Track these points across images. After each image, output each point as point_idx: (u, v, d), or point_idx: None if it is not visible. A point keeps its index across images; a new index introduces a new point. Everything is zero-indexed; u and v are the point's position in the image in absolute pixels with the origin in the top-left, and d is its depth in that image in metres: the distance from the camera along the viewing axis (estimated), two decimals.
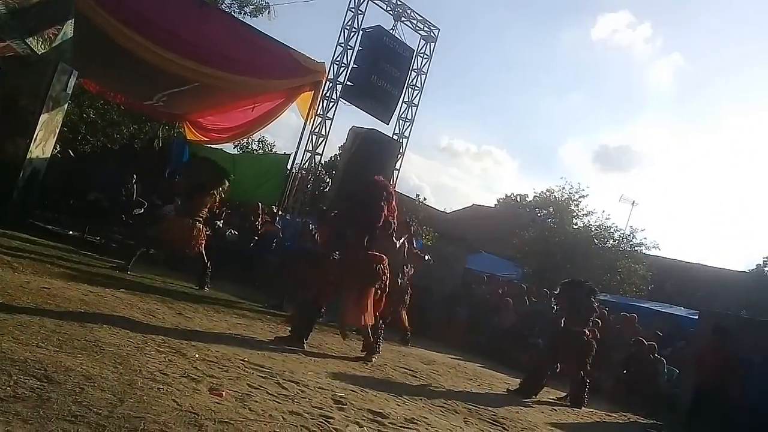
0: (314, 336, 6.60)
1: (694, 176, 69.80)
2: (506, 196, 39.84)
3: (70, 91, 9.86)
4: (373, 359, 6.82)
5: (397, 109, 20.29)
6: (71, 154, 13.03)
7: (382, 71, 19.01)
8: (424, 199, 35.62)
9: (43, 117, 9.31)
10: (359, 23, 19.32)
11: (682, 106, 72.92)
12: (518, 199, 38.29)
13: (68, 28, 9.68)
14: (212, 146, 15.44)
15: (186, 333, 5.32)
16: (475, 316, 12.63)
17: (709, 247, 65.11)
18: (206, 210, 8.63)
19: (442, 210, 38.58)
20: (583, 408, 8.08)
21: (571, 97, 77.32)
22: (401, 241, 8.64)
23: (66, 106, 10.23)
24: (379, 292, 6.65)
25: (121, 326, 4.73)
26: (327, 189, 25.57)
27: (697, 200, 67.92)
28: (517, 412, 6.33)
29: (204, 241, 8.65)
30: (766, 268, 29.87)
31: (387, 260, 6.72)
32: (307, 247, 10.56)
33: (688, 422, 8.98)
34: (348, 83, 19.02)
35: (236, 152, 26.33)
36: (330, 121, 19.17)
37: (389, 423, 4.08)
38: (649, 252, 26.78)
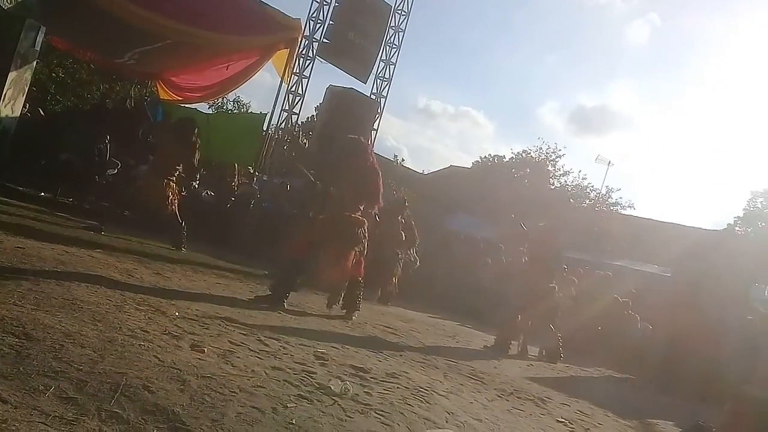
0: (294, 295, 6.59)
1: (669, 137, 70.50)
2: (482, 157, 39.72)
3: (38, 48, 9.57)
4: (353, 317, 6.86)
5: (375, 67, 20.05)
6: (42, 113, 12.70)
7: (359, 28, 18.71)
8: (402, 160, 35.59)
9: (12, 75, 9.04)
10: None
11: (657, 67, 73.19)
12: (495, 160, 38.25)
13: None
14: (186, 106, 15.12)
15: (165, 292, 5.28)
16: (452, 276, 12.73)
17: (682, 206, 66.19)
18: (179, 169, 8.46)
19: (420, 171, 38.60)
20: (558, 363, 8.28)
21: (548, 57, 77.15)
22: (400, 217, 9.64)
23: (35, 63, 9.93)
24: (357, 254, 6.65)
25: (99, 285, 4.68)
26: (305, 150, 25.33)
27: (671, 161, 68.78)
28: (495, 367, 6.45)
29: (177, 201, 8.53)
30: (737, 227, 30.51)
31: (367, 224, 6.68)
32: (284, 207, 10.52)
33: (660, 377, 9.22)
34: (324, 40, 18.74)
35: (211, 112, 25.92)
36: (306, 80, 18.98)
37: (371, 377, 4.12)
38: (625, 211, 27.24)
